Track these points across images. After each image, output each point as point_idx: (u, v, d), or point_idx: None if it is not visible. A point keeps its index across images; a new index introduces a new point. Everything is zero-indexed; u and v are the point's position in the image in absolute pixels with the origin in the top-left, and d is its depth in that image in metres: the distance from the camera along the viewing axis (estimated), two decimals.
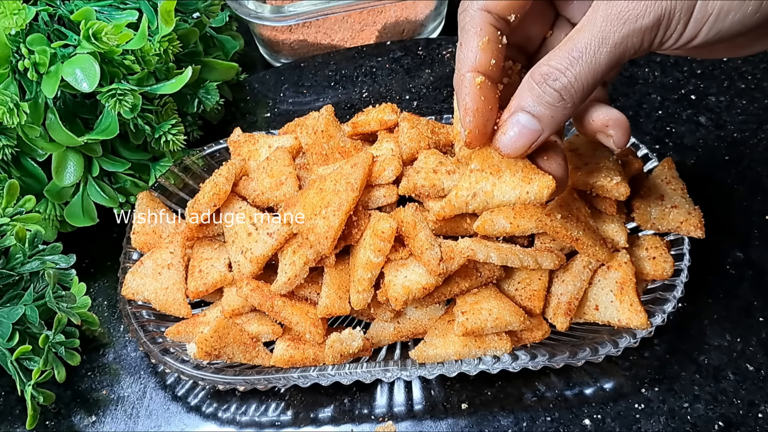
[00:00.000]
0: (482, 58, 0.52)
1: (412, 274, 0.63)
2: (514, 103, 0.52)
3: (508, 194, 0.55)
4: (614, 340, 0.64)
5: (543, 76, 0.49)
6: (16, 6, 0.68)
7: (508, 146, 0.52)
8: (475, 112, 0.52)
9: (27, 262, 0.69)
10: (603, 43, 0.46)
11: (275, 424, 0.68)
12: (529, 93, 0.50)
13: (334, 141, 0.73)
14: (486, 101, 0.52)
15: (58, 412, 0.71)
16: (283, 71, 1.03)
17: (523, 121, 0.51)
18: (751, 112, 0.90)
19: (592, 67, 0.47)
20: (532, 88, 0.50)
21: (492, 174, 0.55)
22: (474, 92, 0.52)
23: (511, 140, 0.52)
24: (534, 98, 0.50)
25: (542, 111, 0.50)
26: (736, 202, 0.81)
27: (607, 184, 0.67)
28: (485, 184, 0.55)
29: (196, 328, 0.69)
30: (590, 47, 0.47)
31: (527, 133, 0.51)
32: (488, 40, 0.52)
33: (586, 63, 0.47)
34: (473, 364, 0.64)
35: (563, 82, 0.48)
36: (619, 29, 0.46)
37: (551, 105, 0.50)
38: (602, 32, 0.46)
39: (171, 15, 0.77)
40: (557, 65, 0.48)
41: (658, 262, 0.68)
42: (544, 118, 0.51)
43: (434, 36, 1.08)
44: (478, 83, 0.52)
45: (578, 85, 0.48)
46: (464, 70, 0.52)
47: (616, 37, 0.46)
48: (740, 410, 0.65)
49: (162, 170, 0.82)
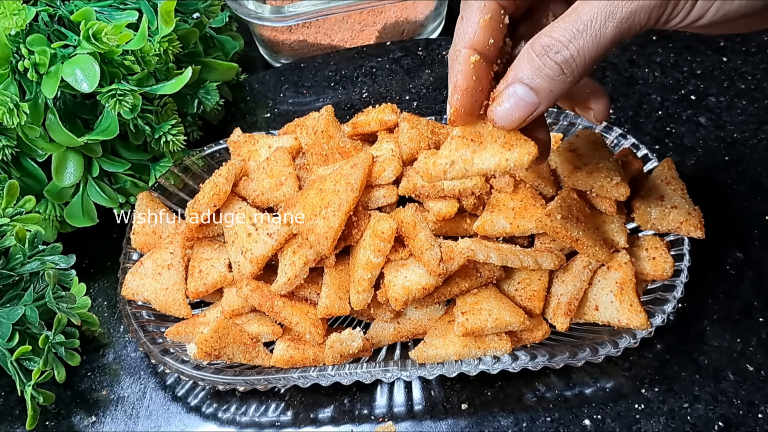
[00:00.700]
0: (481, 35, 0.50)
1: (412, 275, 0.63)
2: (511, 74, 0.49)
3: (488, 161, 0.52)
4: (614, 341, 0.64)
5: (544, 48, 0.47)
6: (16, 6, 0.68)
7: (503, 118, 0.50)
8: (465, 91, 0.50)
9: (27, 263, 0.69)
10: (609, 17, 0.45)
11: (275, 424, 0.68)
12: (528, 64, 0.48)
13: (334, 141, 0.73)
14: (477, 81, 0.50)
15: (58, 413, 0.71)
16: (283, 71, 1.03)
17: (520, 93, 0.49)
18: (751, 112, 0.90)
19: (596, 41, 0.46)
20: (532, 59, 0.48)
21: (473, 140, 0.53)
22: (467, 71, 0.50)
23: (507, 112, 0.50)
24: (533, 70, 0.48)
25: (540, 84, 0.48)
26: (736, 202, 0.81)
27: (607, 185, 0.67)
28: (465, 152, 0.53)
29: (196, 328, 0.69)
30: (596, 20, 0.45)
31: (523, 106, 0.49)
32: (490, 17, 0.50)
33: (590, 36, 0.46)
34: (473, 365, 0.64)
35: (565, 55, 0.46)
36: (627, 4, 0.44)
37: (550, 78, 0.48)
38: (609, 5, 0.45)
39: (171, 15, 0.77)
40: (560, 37, 0.46)
41: (658, 263, 0.68)
42: (542, 91, 0.49)
43: (434, 36, 1.08)
44: (473, 62, 0.50)
45: (580, 59, 0.47)
46: (460, 45, 0.51)
47: (623, 12, 0.45)
48: (740, 410, 0.65)
49: (162, 170, 0.82)
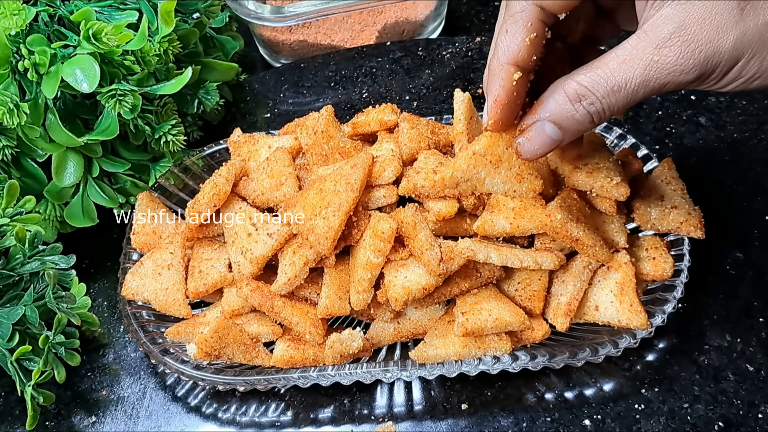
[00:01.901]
0: (526, 53, 0.52)
1: (412, 275, 0.63)
2: (541, 111, 0.52)
3: (497, 186, 0.57)
4: (614, 341, 0.64)
5: (578, 96, 0.50)
6: (16, 6, 0.68)
7: (527, 151, 0.54)
8: (505, 106, 0.53)
9: (27, 263, 0.69)
10: (643, 85, 0.48)
11: (275, 424, 0.68)
12: (560, 107, 0.51)
13: (334, 141, 0.73)
14: (517, 96, 0.53)
15: (58, 413, 0.71)
16: (283, 72, 1.03)
17: (549, 131, 0.52)
18: (751, 112, 0.90)
19: (627, 101, 0.49)
20: (564, 102, 0.51)
21: (491, 163, 0.57)
22: (509, 87, 0.53)
23: (533, 147, 0.54)
24: (564, 112, 0.51)
25: (569, 125, 0.52)
26: (736, 203, 0.81)
27: (607, 185, 0.67)
28: (481, 171, 0.56)
29: (196, 328, 0.69)
30: (630, 85, 0.48)
31: (549, 142, 0.53)
32: (536, 36, 0.52)
33: (623, 97, 0.49)
34: (473, 365, 0.64)
35: (597, 107, 0.50)
36: (662, 78, 0.48)
37: (580, 122, 0.51)
38: (645, 76, 0.48)
39: (171, 15, 0.77)
40: (594, 90, 0.49)
41: (658, 263, 0.68)
42: (569, 132, 0.52)
43: (434, 36, 1.08)
44: (515, 79, 0.52)
45: (609, 112, 0.50)
46: (505, 60, 0.53)
47: (656, 84, 0.48)
48: (740, 410, 0.65)
49: (162, 171, 0.82)
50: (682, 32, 0.46)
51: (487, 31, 1.08)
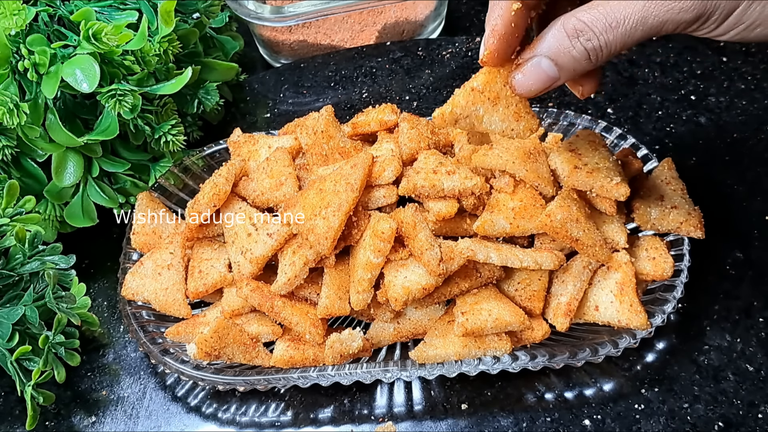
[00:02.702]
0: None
1: (412, 275, 0.63)
2: (538, 46, 0.52)
3: (496, 124, 0.56)
4: (614, 341, 0.64)
5: (576, 31, 0.50)
6: (16, 6, 0.68)
7: (522, 86, 0.54)
8: (502, 36, 0.53)
9: (27, 263, 0.69)
10: (641, 22, 0.48)
11: (275, 424, 0.68)
12: (558, 42, 0.51)
13: (334, 141, 0.73)
14: (515, 28, 0.53)
15: (58, 413, 0.71)
16: (283, 72, 1.03)
17: (544, 66, 0.52)
18: (751, 112, 0.90)
19: (624, 39, 0.49)
20: (562, 38, 0.51)
21: (489, 99, 0.56)
22: (507, 17, 0.52)
23: (527, 81, 0.53)
24: (561, 48, 0.51)
25: (566, 62, 0.51)
26: (736, 203, 0.81)
27: (607, 185, 0.67)
28: (479, 108, 0.56)
29: (196, 328, 0.69)
30: (628, 22, 0.48)
31: (544, 78, 0.53)
32: None
33: (620, 34, 0.49)
34: (473, 365, 0.64)
35: (594, 44, 0.50)
36: (660, 15, 0.48)
37: (576, 59, 0.51)
38: (644, 12, 0.48)
39: (171, 15, 0.77)
40: (593, 25, 0.49)
41: (658, 263, 0.68)
42: (565, 68, 0.52)
43: (434, 36, 1.08)
44: (514, 9, 0.52)
45: (607, 50, 0.50)
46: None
47: (655, 21, 0.48)
48: (740, 411, 0.65)
49: (162, 171, 0.82)
50: None
51: None
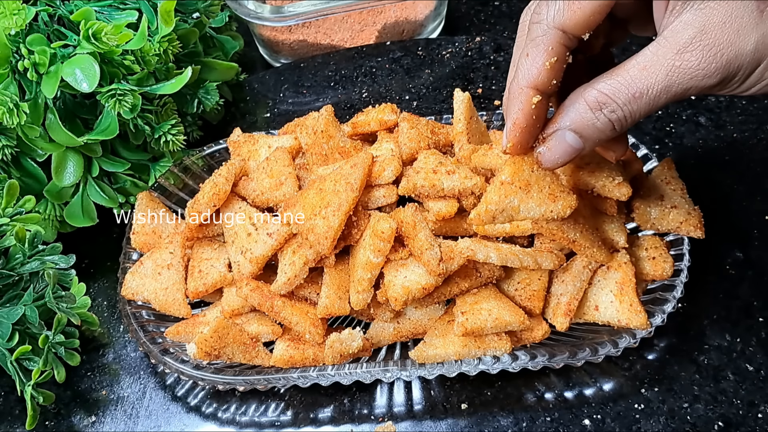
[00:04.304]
0: (545, 77, 0.51)
1: (412, 275, 0.63)
2: (561, 120, 0.52)
3: (533, 211, 0.56)
4: (614, 341, 0.64)
5: (599, 104, 0.49)
6: (16, 6, 0.68)
7: (548, 161, 0.53)
8: (524, 129, 0.53)
9: (27, 263, 0.69)
10: (665, 91, 0.48)
11: (275, 424, 0.68)
12: (581, 115, 0.50)
13: (334, 141, 0.73)
14: (536, 120, 0.53)
15: (58, 413, 0.71)
16: (282, 71, 1.03)
17: (569, 140, 0.52)
18: (751, 112, 0.90)
19: (649, 108, 0.49)
20: (585, 111, 0.50)
21: (521, 189, 0.55)
22: (528, 110, 0.52)
23: (554, 156, 0.53)
24: (585, 121, 0.50)
25: (590, 134, 0.51)
26: (736, 202, 0.81)
27: (608, 185, 0.67)
28: (513, 199, 0.56)
29: (195, 328, 0.69)
30: (652, 92, 0.48)
31: (570, 151, 0.52)
32: (557, 60, 0.51)
33: (644, 104, 0.48)
34: (473, 365, 0.64)
35: (619, 115, 0.49)
36: (684, 83, 0.47)
37: (601, 131, 0.51)
38: (667, 81, 0.47)
39: (171, 15, 0.77)
40: (615, 97, 0.49)
41: (658, 263, 0.68)
42: (590, 140, 0.51)
43: (434, 36, 1.08)
44: (534, 102, 0.52)
45: (631, 119, 0.49)
46: (524, 83, 0.52)
47: (678, 89, 0.47)
48: (740, 410, 0.65)
49: (162, 170, 0.82)
50: (703, 36, 0.46)
51: (487, 31, 1.08)
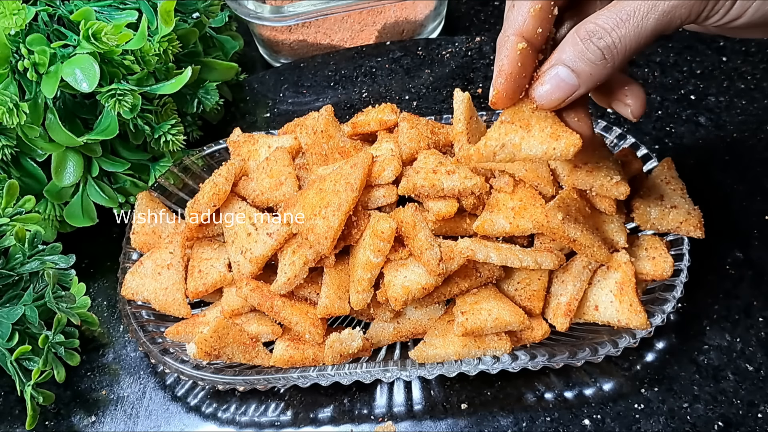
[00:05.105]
0: (530, 24, 0.52)
1: (412, 275, 0.63)
2: (554, 56, 0.52)
3: (536, 148, 0.55)
4: (614, 341, 0.64)
5: (588, 33, 0.50)
6: (16, 6, 0.68)
7: (543, 97, 0.53)
8: (509, 76, 0.53)
9: (27, 263, 0.69)
10: (652, 9, 0.48)
11: (275, 424, 0.68)
12: (572, 48, 0.51)
13: (334, 141, 0.73)
14: (522, 68, 0.53)
15: (58, 412, 0.71)
16: (282, 71, 1.03)
17: (562, 75, 0.52)
18: (750, 112, 0.90)
19: (638, 31, 0.48)
20: (576, 43, 0.51)
21: (521, 127, 0.55)
22: (513, 56, 0.53)
23: (548, 92, 0.53)
24: (576, 53, 0.51)
25: (582, 67, 0.51)
26: (736, 202, 0.81)
27: (607, 183, 0.67)
28: (514, 137, 0.55)
29: (195, 328, 0.69)
30: (639, 11, 0.48)
31: (564, 87, 0.52)
32: (540, 8, 0.52)
33: (632, 26, 0.48)
34: (473, 365, 0.64)
35: (607, 41, 0.49)
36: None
37: (592, 62, 0.51)
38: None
39: (171, 15, 0.77)
40: (604, 24, 0.49)
41: (658, 262, 0.68)
42: (583, 74, 0.51)
43: (434, 36, 1.08)
44: (520, 49, 0.52)
45: (621, 46, 0.49)
46: (510, 32, 0.53)
47: (665, 5, 0.47)
48: (740, 410, 0.65)
49: (162, 170, 0.82)
50: None
51: (487, 31, 1.08)
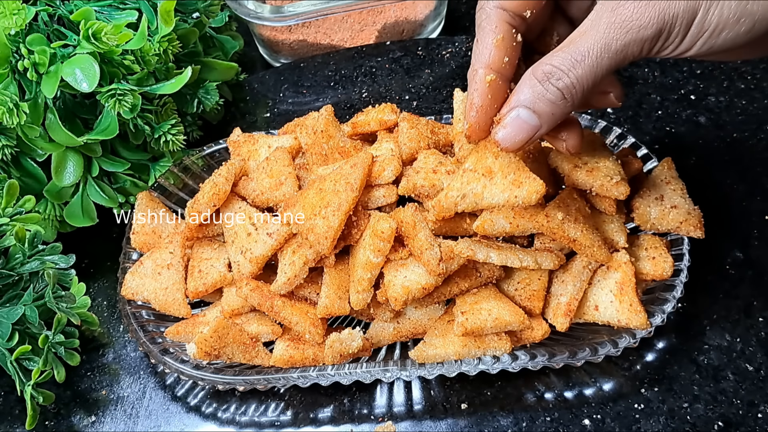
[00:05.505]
0: (495, 55, 0.53)
1: (412, 275, 0.63)
2: (513, 98, 0.53)
3: (497, 197, 0.56)
4: (614, 341, 0.64)
5: (546, 75, 0.50)
6: (16, 6, 0.68)
7: (506, 140, 0.54)
8: (480, 109, 0.54)
9: (27, 262, 0.69)
10: (605, 50, 0.48)
11: (275, 424, 0.68)
12: (531, 89, 0.51)
13: (334, 141, 0.73)
14: (493, 99, 0.54)
15: (58, 412, 0.71)
16: (282, 71, 1.03)
17: (524, 117, 0.52)
18: (750, 112, 0.90)
19: (593, 70, 0.49)
20: (534, 85, 0.51)
21: (484, 175, 0.56)
22: (482, 89, 0.53)
23: (510, 134, 0.53)
24: (535, 95, 0.51)
25: (543, 108, 0.51)
26: (736, 202, 0.81)
27: (607, 183, 0.67)
28: (476, 186, 0.56)
29: (195, 328, 0.69)
30: (593, 52, 0.49)
31: (526, 128, 0.53)
32: (502, 38, 0.53)
33: (588, 66, 0.49)
34: (473, 364, 0.64)
35: (566, 82, 0.50)
36: (621, 37, 0.48)
37: (552, 102, 0.51)
38: (605, 39, 0.48)
39: (171, 15, 0.77)
40: (560, 65, 0.50)
41: (658, 262, 0.68)
42: (544, 115, 0.52)
43: (434, 36, 1.08)
44: (488, 81, 0.53)
45: (579, 86, 0.50)
46: (477, 66, 0.54)
47: (618, 45, 0.48)
48: (740, 410, 0.65)
49: (162, 170, 0.82)
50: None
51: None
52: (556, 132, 0.57)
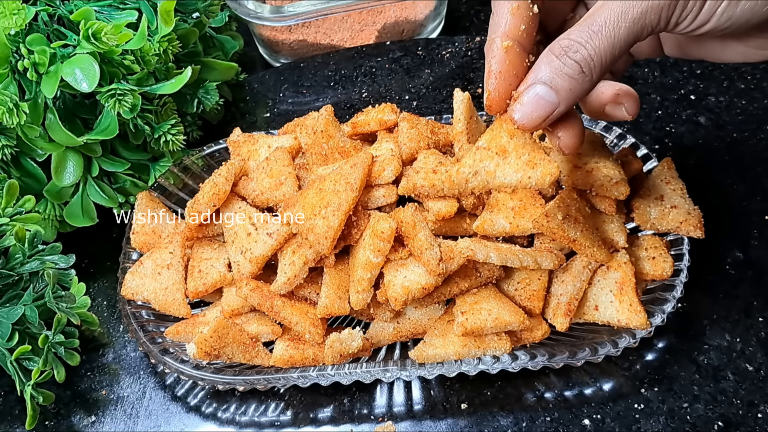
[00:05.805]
0: (512, 23, 0.53)
1: (412, 274, 0.63)
2: (531, 75, 0.52)
3: (510, 176, 0.54)
4: (614, 341, 0.64)
5: (563, 49, 0.49)
6: (16, 6, 0.68)
7: (523, 117, 0.52)
8: (498, 75, 0.53)
9: (27, 262, 0.69)
10: (622, 18, 0.48)
11: (275, 424, 0.68)
12: (548, 65, 0.50)
13: (334, 141, 0.73)
14: (511, 66, 0.53)
15: (58, 412, 0.71)
16: (282, 71, 1.03)
17: (541, 93, 0.51)
18: (750, 112, 0.90)
19: (611, 41, 0.48)
20: (551, 60, 0.50)
21: (497, 154, 0.54)
22: (500, 55, 0.52)
23: (527, 111, 0.52)
24: (553, 70, 0.50)
25: (560, 83, 0.50)
26: (736, 202, 0.81)
27: (606, 183, 0.67)
28: (489, 163, 0.54)
29: (195, 328, 0.69)
30: (610, 21, 0.48)
31: (544, 105, 0.51)
32: (518, 6, 0.52)
33: (605, 37, 0.48)
34: (473, 364, 0.64)
35: (583, 54, 0.49)
36: (638, 4, 0.47)
37: (570, 77, 0.50)
38: (621, 6, 0.47)
39: (171, 15, 0.77)
40: (577, 38, 0.49)
41: (658, 262, 0.68)
42: (562, 91, 0.51)
43: (434, 36, 1.08)
44: (505, 47, 0.52)
45: (598, 58, 0.49)
46: (494, 35, 0.53)
47: (635, 12, 0.47)
48: (740, 410, 0.65)
49: (162, 170, 0.82)
50: None
51: (487, 31, 1.08)
52: (554, 127, 0.56)
